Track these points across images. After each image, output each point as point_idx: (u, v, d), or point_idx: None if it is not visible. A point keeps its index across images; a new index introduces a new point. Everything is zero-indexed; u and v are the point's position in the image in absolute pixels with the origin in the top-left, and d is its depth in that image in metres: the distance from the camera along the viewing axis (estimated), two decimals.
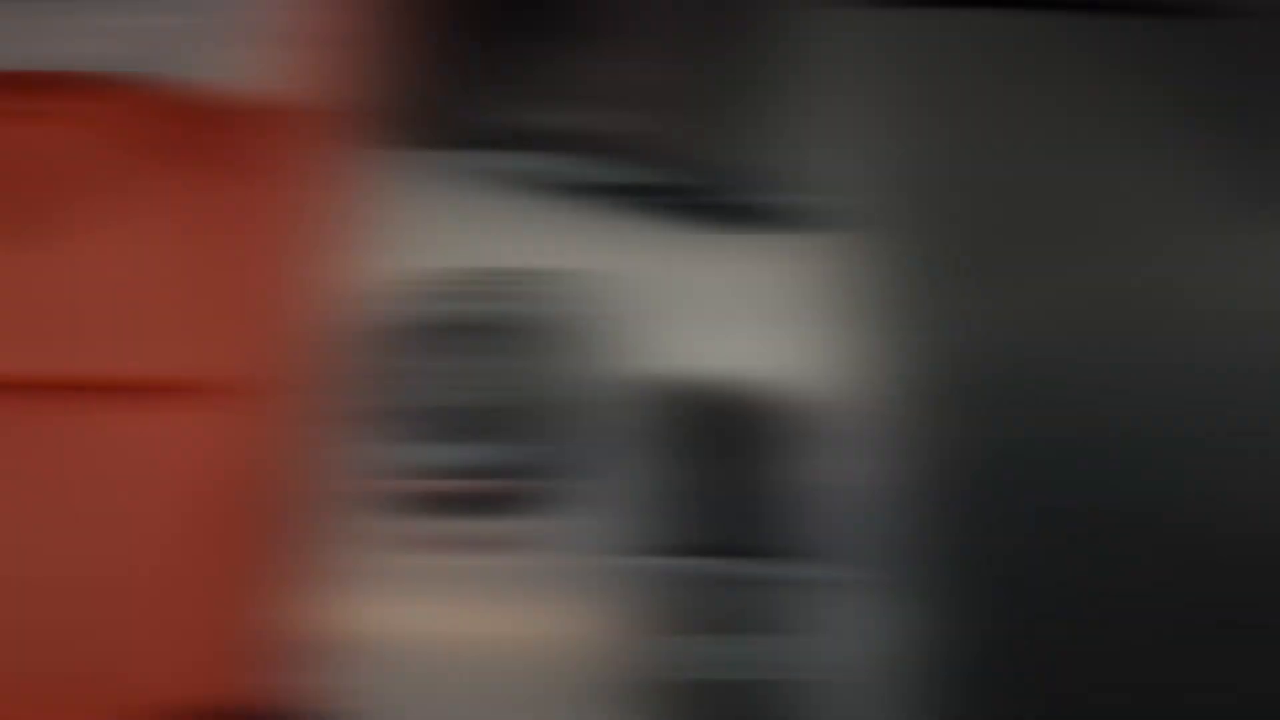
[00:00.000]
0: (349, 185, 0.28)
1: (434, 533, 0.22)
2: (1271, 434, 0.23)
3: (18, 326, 0.39)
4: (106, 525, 0.33)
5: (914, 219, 0.27)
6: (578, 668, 0.20)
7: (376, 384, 0.22)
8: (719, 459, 0.25)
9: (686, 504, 0.24)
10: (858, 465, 0.23)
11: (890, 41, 0.30)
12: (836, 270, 0.26)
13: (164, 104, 0.46)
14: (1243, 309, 0.25)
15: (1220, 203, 0.27)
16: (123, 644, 0.27)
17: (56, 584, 0.32)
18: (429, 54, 0.31)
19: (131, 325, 0.39)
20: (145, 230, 0.42)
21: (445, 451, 0.21)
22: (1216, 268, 0.26)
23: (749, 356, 0.25)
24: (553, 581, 0.21)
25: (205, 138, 0.46)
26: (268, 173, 0.45)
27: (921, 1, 0.30)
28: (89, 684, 0.23)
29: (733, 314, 0.25)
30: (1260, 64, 0.29)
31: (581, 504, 0.22)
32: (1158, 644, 0.21)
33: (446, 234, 0.27)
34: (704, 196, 0.28)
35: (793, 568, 0.22)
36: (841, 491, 0.22)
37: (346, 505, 0.22)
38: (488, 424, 0.21)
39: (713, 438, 0.25)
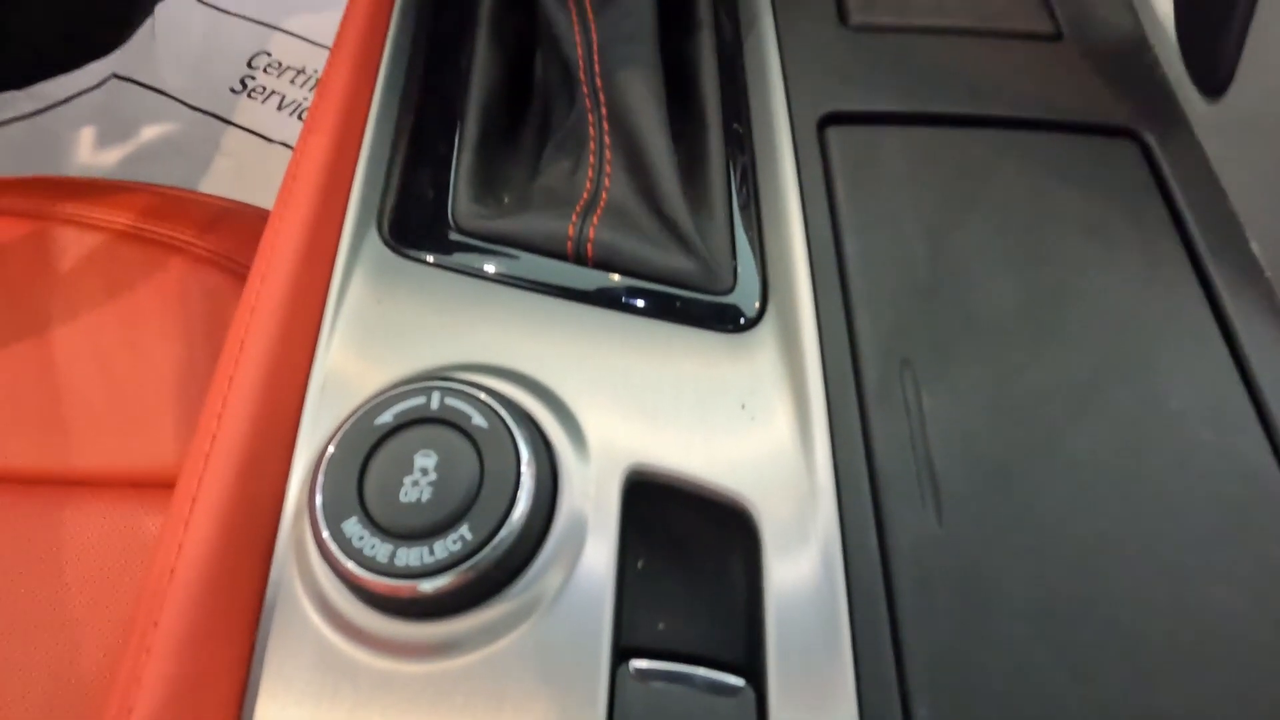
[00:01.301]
0: (316, 280, 0.28)
1: (386, 633, 0.21)
2: (1217, 537, 0.24)
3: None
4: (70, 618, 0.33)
5: (869, 318, 0.27)
6: None
7: (331, 476, 0.22)
8: (673, 558, 0.24)
9: (643, 605, 0.23)
10: (812, 565, 0.22)
11: (850, 155, 0.31)
12: (791, 367, 0.26)
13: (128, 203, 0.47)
14: (1182, 411, 0.26)
15: (1159, 309, 0.28)
16: None
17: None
18: (406, 154, 0.32)
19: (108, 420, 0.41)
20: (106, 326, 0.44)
21: (396, 548, 0.21)
22: (1160, 370, 0.26)
23: (705, 453, 0.24)
24: (509, 685, 0.21)
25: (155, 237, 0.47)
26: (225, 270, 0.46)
27: (877, 119, 0.31)
28: None
29: (689, 410, 0.25)
30: (1188, 181, 0.31)
31: (537, 601, 0.22)
32: None
33: (410, 329, 0.27)
34: (666, 294, 0.28)
35: (749, 672, 0.22)
36: (795, 594, 0.22)
37: (301, 598, 0.22)
38: (441, 521, 0.21)
39: (668, 536, 0.25)
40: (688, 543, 0.25)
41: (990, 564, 0.23)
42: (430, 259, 0.29)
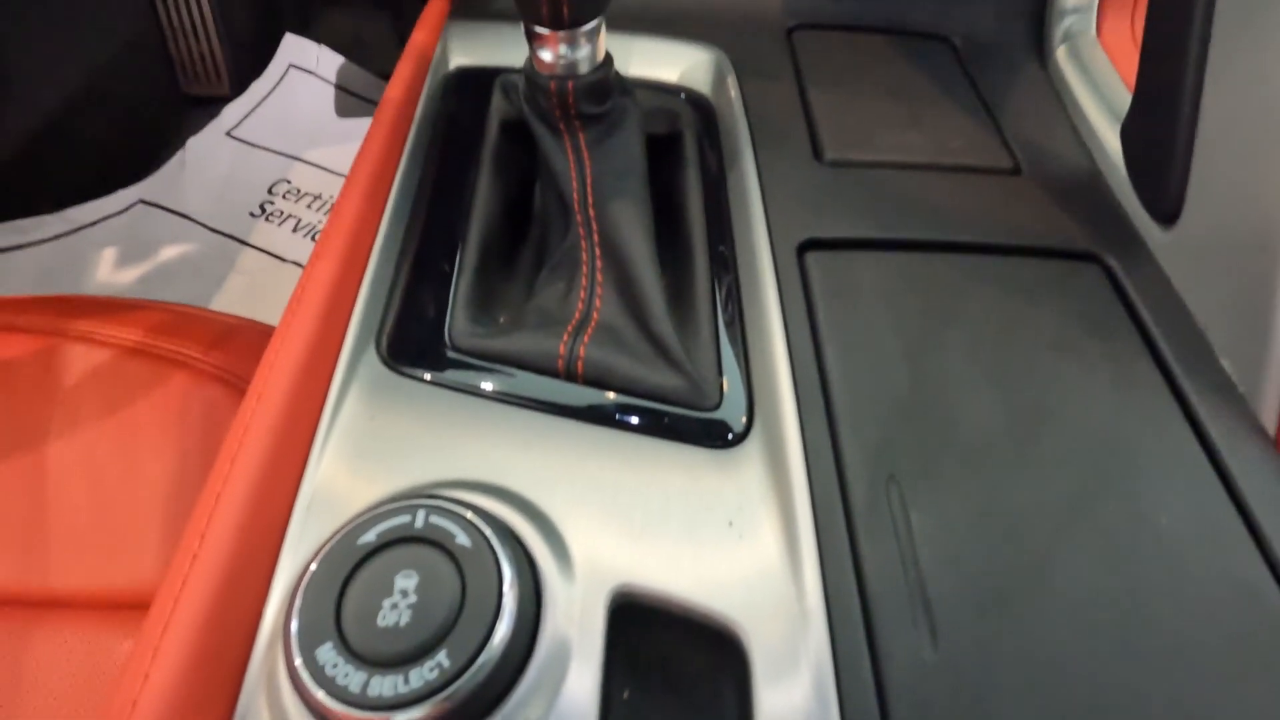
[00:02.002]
0: (313, 397, 0.29)
1: None
2: (1221, 662, 0.23)
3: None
4: None
5: (854, 435, 0.28)
6: None
7: (309, 598, 0.21)
8: (660, 686, 0.24)
9: None
10: (805, 694, 0.22)
11: (829, 278, 0.32)
12: (778, 483, 0.26)
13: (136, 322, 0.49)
14: (1173, 530, 0.26)
15: (1139, 427, 0.28)
16: None
17: None
18: (408, 277, 0.34)
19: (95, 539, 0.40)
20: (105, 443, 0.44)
21: (370, 677, 0.20)
22: (1146, 489, 0.27)
23: (693, 573, 0.24)
24: None
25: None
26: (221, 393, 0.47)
27: (853, 245, 0.34)
28: None
29: (676, 527, 0.25)
30: (1153, 302, 0.32)
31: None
32: None
33: (401, 445, 0.27)
34: (654, 410, 0.29)
35: None
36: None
37: None
38: (419, 647, 0.20)
39: (654, 661, 0.24)
40: (675, 669, 0.24)
41: (987, 694, 0.22)
42: (425, 376, 0.30)
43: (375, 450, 0.27)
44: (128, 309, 0.53)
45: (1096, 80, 0.42)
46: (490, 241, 0.36)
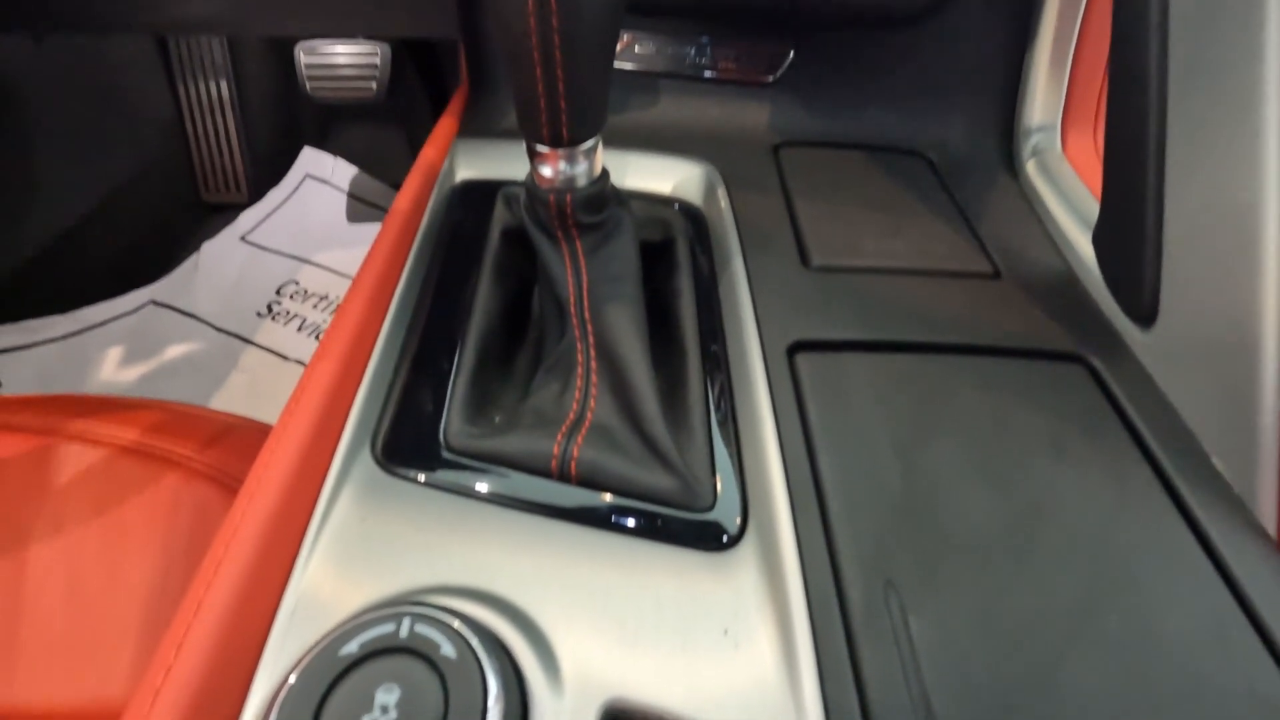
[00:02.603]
0: (304, 499, 0.28)
1: None
2: None
3: None
4: None
5: (849, 537, 0.27)
6: None
7: (285, 716, 0.20)
8: None
9: None
10: None
11: (819, 379, 0.33)
12: (774, 588, 0.26)
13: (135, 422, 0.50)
14: (1180, 635, 0.25)
15: (1136, 529, 0.28)
16: None
17: None
18: (407, 378, 0.34)
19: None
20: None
21: None
22: (1148, 592, 0.26)
23: (687, 684, 0.23)
24: None
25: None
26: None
27: (841, 347, 0.35)
28: None
29: (670, 635, 0.25)
30: (1140, 401, 0.33)
31: None
32: None
33: (391, 548, 0.27)
34: (647, 512, 0.29)
35: None
36: None
37: None
38: None
39: None
40: None
41: None
42: (419, 477, 0.30)
43: (365, 553, 0.27)
44: (125, 408, 0.54)
45: (1065, 191, 0.44)
46: (488, 343, 0.37)
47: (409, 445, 0.31)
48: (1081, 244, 0.41)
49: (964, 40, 0.50)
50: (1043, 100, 0.48)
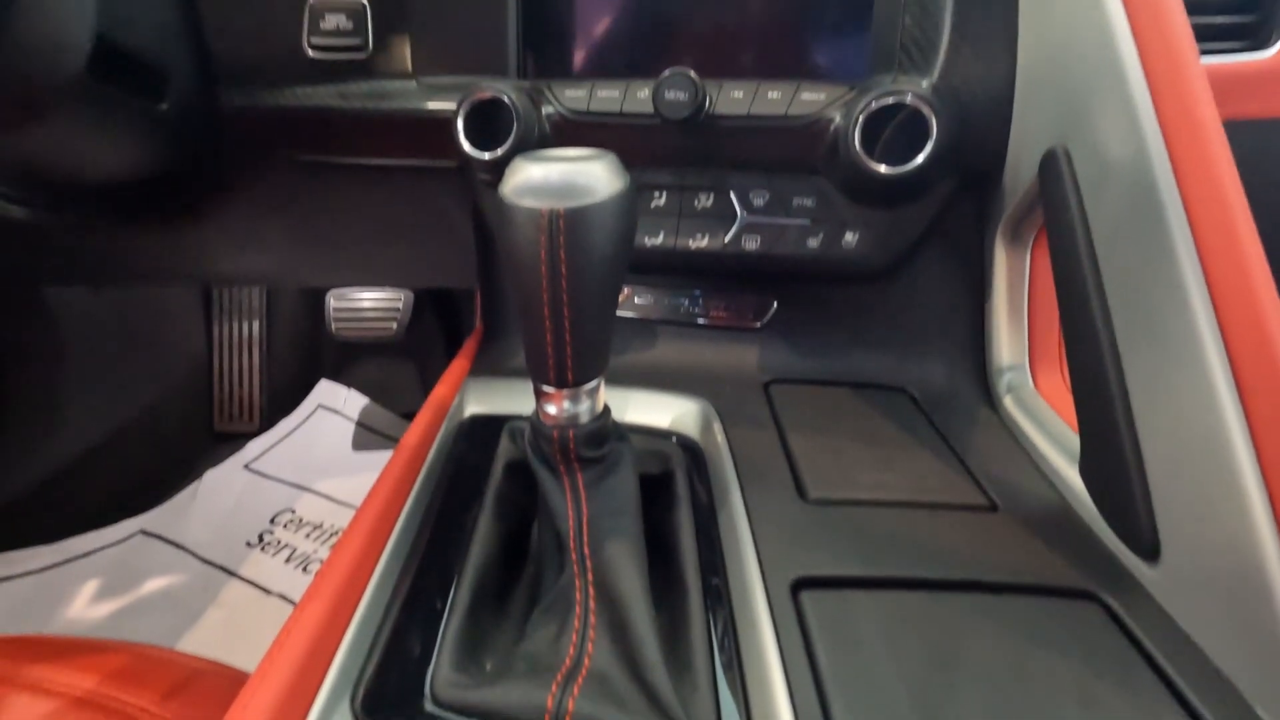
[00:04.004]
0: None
1: None
2: None
3: None
4: None
5: None
6: None
7: None
8: None
9: None
10: None
11: (827, 619, 0.32)
12: None
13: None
14: None
15: None
16: None
17: None
18: (397, 620, 0.33)
19: None
20: None
21: None
22: None
23: None
24: None
25: None
26: None
27: (847, 584, 0.34)
28: None
29: None
30: (1163, 642, 0.32)
31: None
32: None
33: None
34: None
35: None
36: None
37: None
38: None
39: None
40: None
41: None
42: None
43: None
44: (88, 651, 0.51)
45: (1045, 426, 0.46)
46: (485, 580, 0.36)
47: (392, 697, 0.29)
48: (1070, 476, 0.42)
49: (927, 293, 0.56)
50: (1008, 344, 0.52)
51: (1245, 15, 0.60)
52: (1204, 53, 0.59)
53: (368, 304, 1.41)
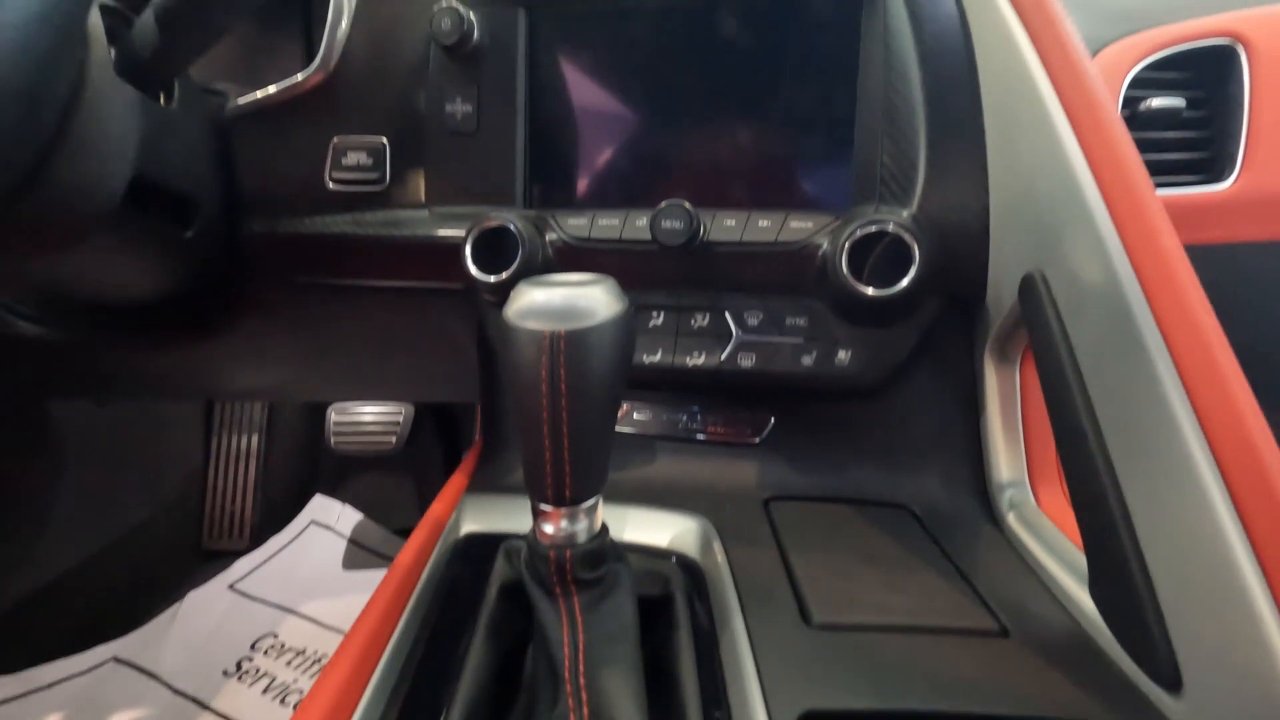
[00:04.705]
0: None
1: None
2: None
3: None
4: None
5: None
6: None
7: None
8: None
9: None
10: None
11: None
12: None
13: None
14: None
15: None
16: None
17: None
18: None
19: None
20: None
21: None
22: None
23: None
24: None
25: None
26: None
27: (854, 718, 0.33)
28: None
29: None
30: None
31: None
32: None
33: None
34: None
35: None
36: None
37: None
38: None
39: None
40: None
41: None
42: None
43: None
44: None
45: (1052, 545, 0.45)
46: (475, 713, 0.34)
47: None
48: (1082, 598, 0.40)
49: (922, 409, 0.56)
50: (1006, 460, 0.52)
51: (1199, 152, 0.65)
52: (1166, 185, 0.63)
53: (369, 417, 1.42)
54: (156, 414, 1.29)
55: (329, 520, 1.38)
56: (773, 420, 0.59)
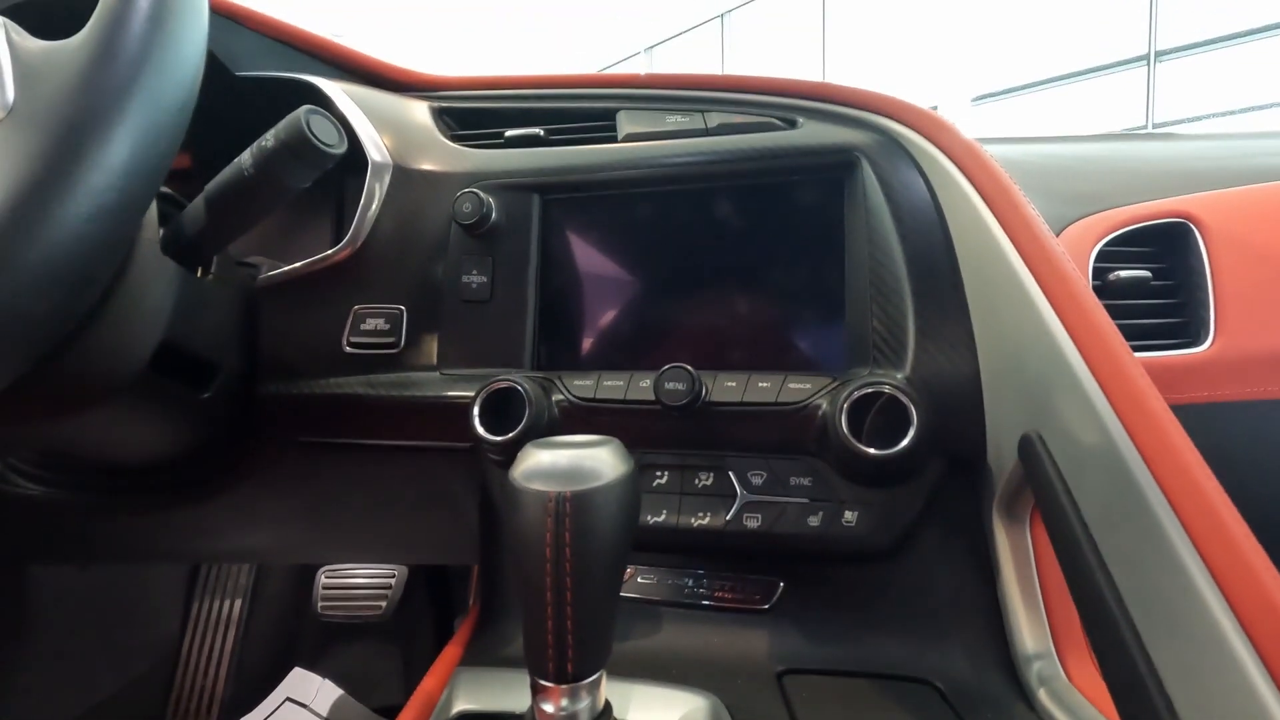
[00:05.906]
0: None
1: None
2: None
3: None
4: None
5: None
6: None
7: None
8: None
9: None
10: None
11: None
12: None
13: None
14: None
15: None
16: None
17: None
18: None
19: None
20: None
21: None
22: None
23: None
24: None
25: None
26: None
27: None
28: None
29: None
30: None
31: None
32: None
33: None
34: None
35: None
36: None
37: None
38: None
39: None
40: None
41: None
42: None
43: None
44: None
45: None
46: None
47: None
48: None
49: (935, 573, 0.55)
50: (1028, 629, 0.50)
51: (1175, 318, 0.68)
52: (1147, 349, 0.66)
53: (360, 580, 1.36)
54: (137, 575, 1.24)
55: (305, 697, 1.28)
56: (782, 585, 0.57)
